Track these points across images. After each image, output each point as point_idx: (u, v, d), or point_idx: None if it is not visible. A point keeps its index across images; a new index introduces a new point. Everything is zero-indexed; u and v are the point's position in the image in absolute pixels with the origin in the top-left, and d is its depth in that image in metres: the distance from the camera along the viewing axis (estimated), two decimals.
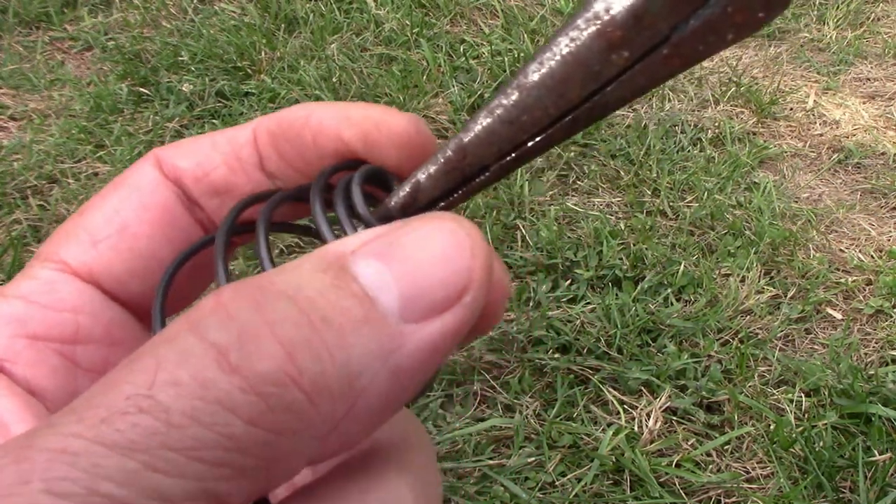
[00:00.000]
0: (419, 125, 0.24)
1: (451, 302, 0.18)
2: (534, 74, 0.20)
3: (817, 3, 2.42)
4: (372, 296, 0.17)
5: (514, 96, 0.21)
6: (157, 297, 0.23)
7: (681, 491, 1.12)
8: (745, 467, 1.16)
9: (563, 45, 0.20)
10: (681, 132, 1.85)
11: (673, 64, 0.19)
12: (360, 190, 0.22)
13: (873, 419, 1.18)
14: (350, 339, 0.17)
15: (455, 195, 0.23)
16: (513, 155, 0.22)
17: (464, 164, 0.22)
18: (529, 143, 0.21)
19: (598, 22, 0.19)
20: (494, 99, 0.21)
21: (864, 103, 2.02)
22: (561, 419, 1.21)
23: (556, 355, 1.30)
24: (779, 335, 1.37)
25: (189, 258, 0.24)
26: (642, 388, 1.26)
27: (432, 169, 0.22)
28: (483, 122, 0.21)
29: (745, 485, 1.14)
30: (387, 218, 0.22)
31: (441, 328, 0.18)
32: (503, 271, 0.22)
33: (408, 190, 0.22)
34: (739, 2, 0.18)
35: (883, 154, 1.84)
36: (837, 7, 2.38)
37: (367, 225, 0.22)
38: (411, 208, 0.23)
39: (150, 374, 0.16)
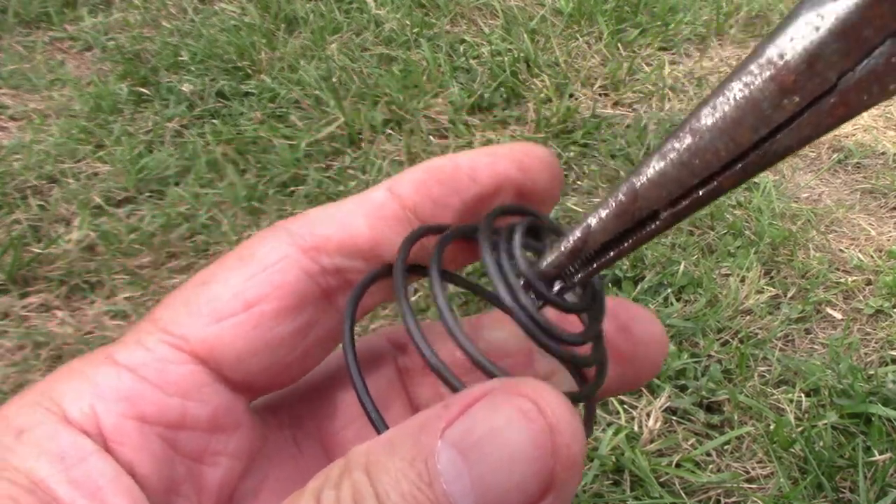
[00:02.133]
0: (554, 155, 0.25)
1: None
2: (707, 118, 0.21)
3: None
4: (450, 501, 0.18)
5: (687, 140, 0.21)
6: (346, 334, 0.23)
7: (681, 491, 1.12)
8: (745, 467, 1.16)
9: (737, 90, 0.20)
10: None
11: (838, 112, 0.20)
12: (521, 244, 0.23)
13: (873, 419, 1.18)
14: None
15: (625, 244, 0.23)
16: (683, 202, 0.22)
17: (634, 207, 0.22)
18: (700, 192, 0.22)
19: (772, 67, 0.20)
20: (666, 143, 0.22)
21: None
22: None
23: None
24: (779, 335, 1.37)
25: (364, 291, 0.24)
26: (642, 387, 1.26)
27: (603, 213, 0.23)
28: (656, 165, 0.22)
29: (745, 485, 1.14)
30: (546, 276, 0.23)
31: None
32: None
33: (578, 235, 0.23)
34: None
35: (883, 154, 1.84)
36: None
37: (528, 281, 0.23)
38: (582, 254, 0.23)
39: None
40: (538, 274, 0.23)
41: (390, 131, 1.82)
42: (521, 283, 0.23)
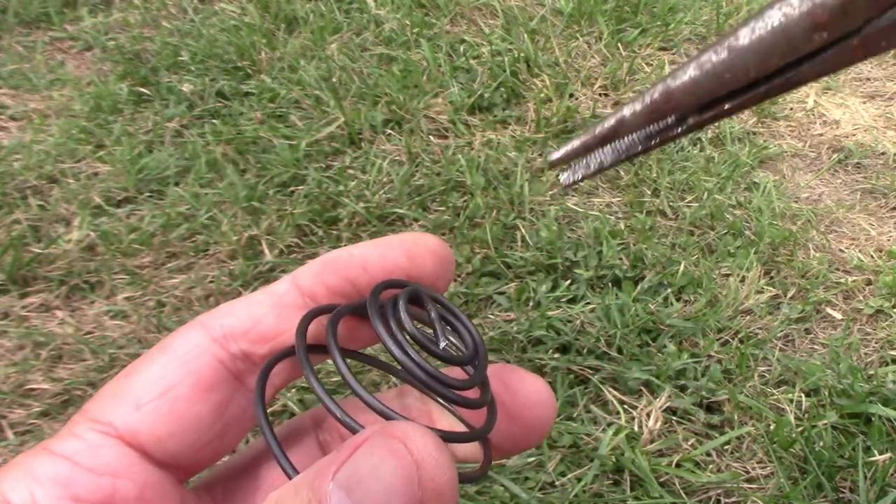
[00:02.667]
0: (445, 243, 0.29)
1: None
2: (744, 38, 0.23)
3: None
4: None
5: (724, 55, 0.23)
6: (258, 407, 0.26)
7: (681, 491, 1.12)
8: (745, 467, 1.16)
9: (776, 18, 0.22)
10: None
11: (857, 54, 0.22)
12: (404, 309, 0.25)
13: (873, 419, 1.18)
14: None
15: (652, 143, 0.26)
16: (709, 112, 0.24)
17: (666, 107, 0.24)
18: (726, 105, 0.24)
19: (811, 2, 0.22)
20: (704, 54, 0.24)
21: (864, 103, 2.02)
22: (561, 419, 1.21)
23: (556, 355, 1.30)
24: (779, 335, 1.37)
25: (269, 370, 0.27)
26: (642, 388, 1.26)
27: (637, 107, 0.25)
28: (692, 73, 0.24)
29: (745, 485, 1.14)
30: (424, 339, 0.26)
31: None
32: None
33: (612, 123, 0.25)
34: None
35: (883, 154, 1.84)
36: None
37: (414, 338, 0.25)
38: (609, 139, 0.26)
39: None
40: (423, 334, 0.26)
41: (390, 131, 1.82)
42: (408, 341, 0.25)
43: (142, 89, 1.95)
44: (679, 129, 0.25)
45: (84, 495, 0.25)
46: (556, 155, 0.28)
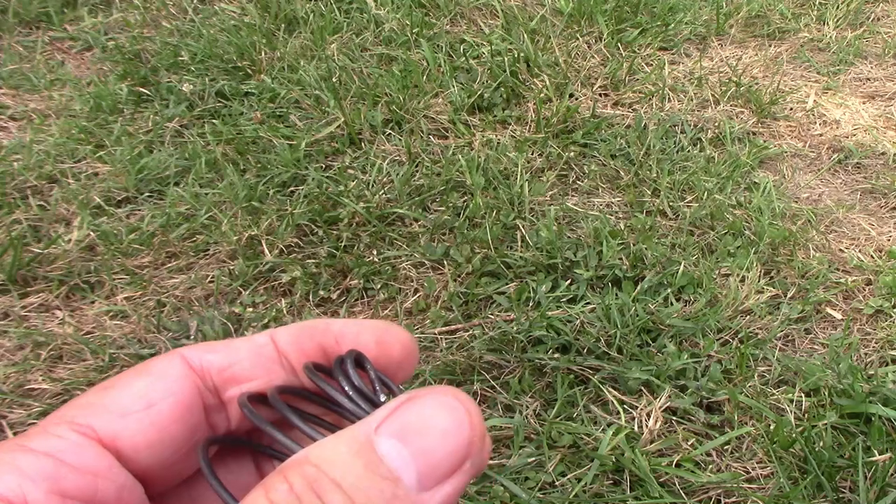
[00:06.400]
0: (412, 337, 0.32)
1: (456, 468, 0.24)
2: None
3: (817, 2, 2.42)
4: (397, 475, 0.23)
5: None
6: (207, 473, 0.28)
7: (681, 491, 1.12)
8: (745, 467, 1.16)
9: None
10: (681, 132, 1.85)
11: None
12: (353, 366, 0.29)
13: (873, 419, 1.18)
14: None
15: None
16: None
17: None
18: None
19: None
20: None
21: (864, 103, 2.02)
22: (561, 419, 1.21)
23: (556, 355, 1.30)
24: (779, 335, 1.37)
25: (207, 449, 0.30)
26: (642, 388, 1.25)
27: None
28: None
29: (745, 485, 1.14)
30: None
31: (449, 490, 0.23)
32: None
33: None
34: None
35: (883, 154, 1.84)
36: (837, 7, 2.38)
37: (362, 394, 0.28)
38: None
39: None
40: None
41: (390, 131, 1.82)
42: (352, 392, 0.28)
43: (142, 89, 1.95)
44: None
45: (70, 491, 0.26)
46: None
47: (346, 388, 0.28)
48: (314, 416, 0.30)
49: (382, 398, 0.28)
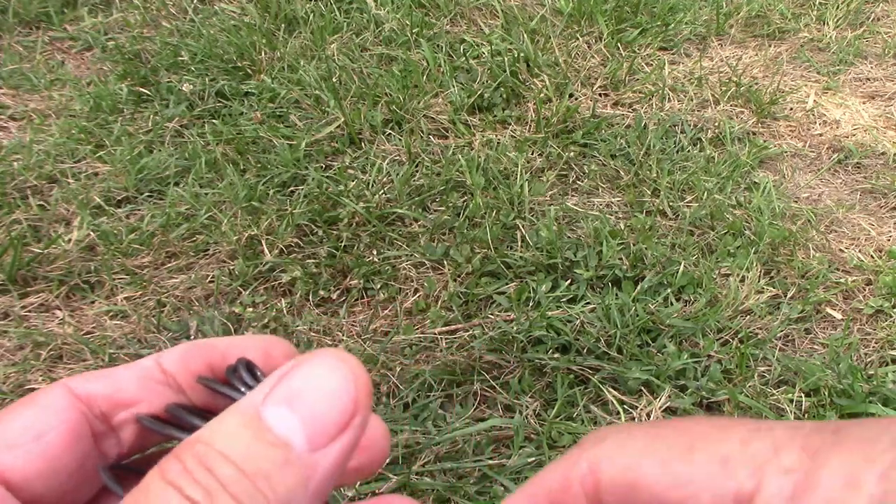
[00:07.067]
0: (294, 349, 0.32)
1: (345, 426, 0.24)
2: None
3: (817, 3, 2.42)
4: (285, 441, 0.23)
5: None
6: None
7: None
8: None
9: None
10: (681, 132, 1.85)
11: None
12: (245, 370, 0.30)
13: None
14: (278, 480, 0.23)
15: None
16: None
17: None
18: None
19: None
20: None
21: (864, 103, 2.02)
22: (561, 419, 1.21)
23: (556, 355, 1.30)
24: (779, 335, 1.37)
25: (109, 472, 0.31)
26: (642, 388, 1.26)
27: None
28: None
29: None
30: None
31: (340, 448, 0.24)
32: (378, 420, 0.30)
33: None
34: None
35: (883, 154, 1.84)
36: (837, 7, 2.38)
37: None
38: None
39: None
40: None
41: (390, 131, 1.82)
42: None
43: (142, 89, 1.95)
44: None
45: None
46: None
47: (242, 389, 0.28)
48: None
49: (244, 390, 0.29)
